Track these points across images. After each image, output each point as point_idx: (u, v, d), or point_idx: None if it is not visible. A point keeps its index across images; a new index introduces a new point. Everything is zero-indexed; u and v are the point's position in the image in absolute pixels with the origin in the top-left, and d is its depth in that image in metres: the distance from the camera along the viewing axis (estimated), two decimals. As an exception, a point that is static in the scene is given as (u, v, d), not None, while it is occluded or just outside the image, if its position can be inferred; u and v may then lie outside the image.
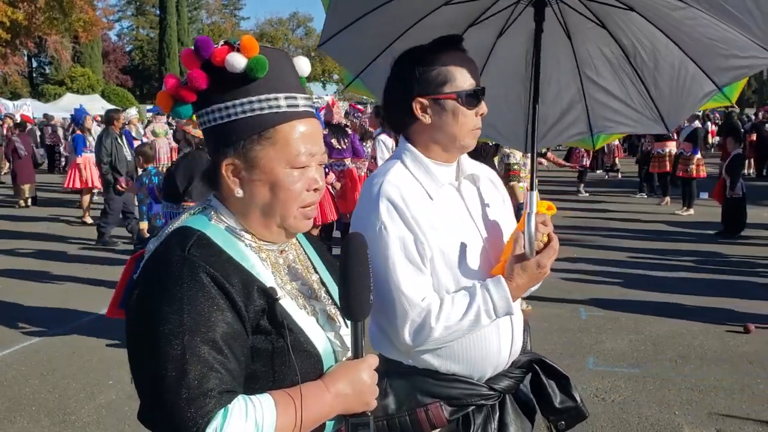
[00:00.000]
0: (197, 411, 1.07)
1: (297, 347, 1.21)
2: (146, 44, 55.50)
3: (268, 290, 1.21)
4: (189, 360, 1.09)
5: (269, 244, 1.30)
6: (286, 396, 1.16)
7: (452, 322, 1.62)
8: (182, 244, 1.20)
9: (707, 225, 9.80)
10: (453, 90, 1.70)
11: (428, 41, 1.77)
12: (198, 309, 1.13)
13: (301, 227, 1.29)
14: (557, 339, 5.26)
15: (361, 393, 1.24)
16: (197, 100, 1.25)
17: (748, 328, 5.41)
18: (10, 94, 33.69)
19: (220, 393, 1.09)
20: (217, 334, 1.12)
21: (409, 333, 1.62)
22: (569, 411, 1.87)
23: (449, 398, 1.70)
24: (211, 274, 1.16)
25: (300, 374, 1.19)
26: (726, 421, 3.89)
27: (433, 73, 1.70)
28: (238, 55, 1.20)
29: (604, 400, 4.18)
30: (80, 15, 29.82)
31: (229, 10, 63.87)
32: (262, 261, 1.27)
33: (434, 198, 1.71)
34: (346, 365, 1.27)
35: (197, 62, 1.23)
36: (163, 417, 1.10)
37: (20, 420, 4.04)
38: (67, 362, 4.90)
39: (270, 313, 1.20)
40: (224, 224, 1.27)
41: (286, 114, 1.23)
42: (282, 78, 1.25)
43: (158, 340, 1.11)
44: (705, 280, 7.06)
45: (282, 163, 1.23)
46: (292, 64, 1.30)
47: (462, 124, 1.72)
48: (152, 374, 1.11)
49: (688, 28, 2.17)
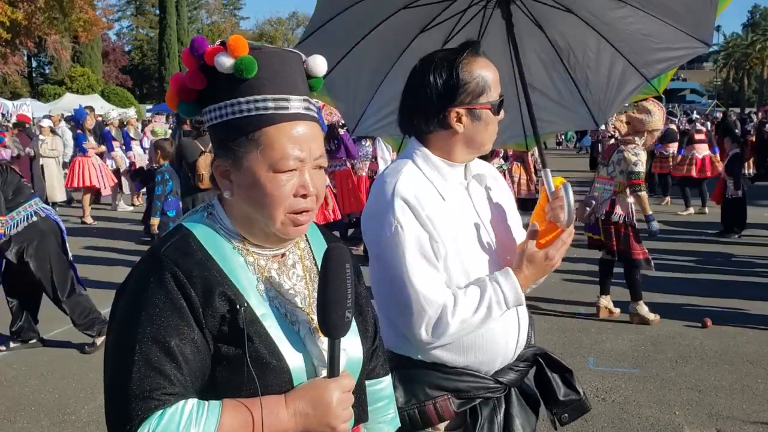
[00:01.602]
0: (133, 411, 1.07)
1: (258, 358, 1.16)
2: (146, 44, 55.48)
3: (230, 296, 1.17)
4: (136, 360, 1.09)
5: (260, 247, 1.27)
6: (239, 405, 1.13)
7: (467, 316, 1.66)
8: (163, 242, 1.22)
9: (707, 225, 9.80)
10: (488, 100, 1.73)
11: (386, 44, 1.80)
12: (155, 310, 1.12)
13: (291, 233, 1.23)
14: (557, 339, 5.26)
15: (323, 415, 1.16)
16: (198, 99, 1.24)
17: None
18: (9, 94, 33.66)
19: (163, 395, 1.08)
20: (171, 337, 1.11)
21: (426, 330, 1.65)
22: (572, 404, 1.91)
23: (457, 391, 1.74)
24: (174, 274, 1.15)
25: (260, 386, 1.14)
26: (726, 421, 3.89)
27: (472, 83, 1.72)
28: (224, 55, 1.18)
29: (604, 400, 4.18)
30: (80, 15, 29.84)
31: (229, 9, 63.87)
32: (247, 265, 1.23)
33: (446, 198, 1.74)
34: (312, 384, 1.19)
35: (195, 62, 1.22)
36: (107, 414, 1.12)
37: (20, 420, 4.05)
38: (67, 362, 4.90)
39: (231, 320, 1.16)
40: (218, 225, 1.26)
41: (274, 116, 1.19)
42: (276, 78, 1.21)
43: (113, 339, 1.16)
44: (705, 280, 7.07)
45: (265, 167, 1.18)
46: (293, 64, 1.25)
47: (491, 132, 1.78)
48: (106, 371, 1.14)
49: (624, 26, 2.28)
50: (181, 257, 1.17)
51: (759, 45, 63.65)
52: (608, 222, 5.54)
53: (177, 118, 9.66)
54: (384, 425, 1.48)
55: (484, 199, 1.85)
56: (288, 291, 1.27)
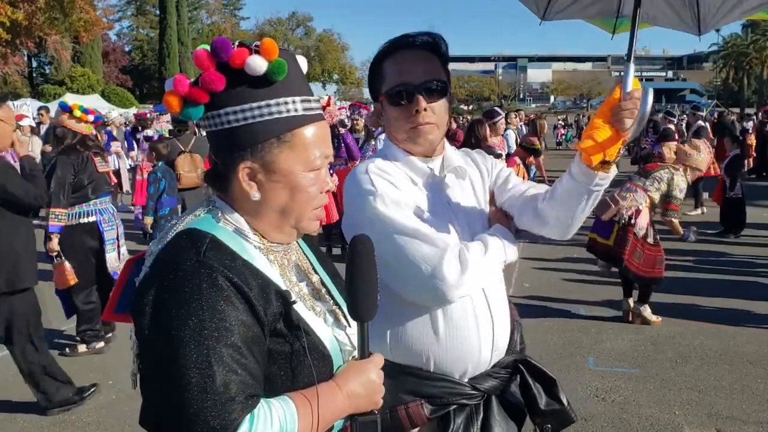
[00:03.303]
0: (225, 417, 1.06)
1: (312, 349, 1.23)
2: (146, 44, 55.50)
3: (284, 293, 1.22)
4: (214, 365, 1.07)
5: (276, 245, 1.30)
6: (303, 398, 1.17)
7: (479, 256, 1.65)
8: (196, 247, 1.17)
9: (708, 225, 9.80)
10: (383, 91, 1.77)
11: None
12: (218, 314, 1.11)
13: (312, 228, 1.32)
14: (557, 339, 5.26)
15: (372, 393, 1.26)
16: (210, 101, 1.23)
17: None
18: (10, 94, 33.66)
19: (245, 398, 1.09)
20: (239, 339, 1.11)
21: (449, 270, 1.58)
22: (555, 414, 1.85)
23: (430, 396, 1.71)
24: (229, 278, 1.14)
25: (315, 375, 1.20)
26: (726, 421, 3.89)
27: (373, 79, 1.82)
28: (258, 57, 1.19)
29: (604, 400, 4.18)
30: (80, 15, 29.84)
31: (229, 10, 63.90)
32: (270, 263, 1.27)
33: (417, 185, 1.77)
34: (356, 365, 1.27)
35: (213, 64, 1.20)
36: (183, 423, 1.06)
37: (20, 420, 4.05)
38: (67, 362, 4.89)
39: (286, 316, 1.21)
40: (232, 226, 1.26)
41: (303, 117, 1.24)
42: (295, 81, 1.25)
43: (180, 346, 1.08)
44: (705, 280, 7.07)
45: (300, 166, 1.24)
46: (300, 66, 1.29)
47: (394, 124, 1.78)
48: (174, 380, 1.08)
49: None
50: (225, 260, 1.17)
51: (759, 45, 63.65)
52: (626, 230, 5.40)
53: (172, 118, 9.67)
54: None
55: (460, 192, 1.83)
56: (305, 284, 1.35)
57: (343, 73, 63.93)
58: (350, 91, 64.44)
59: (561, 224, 1.78)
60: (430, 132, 1.75)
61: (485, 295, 1.74)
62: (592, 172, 1.61)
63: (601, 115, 1.60)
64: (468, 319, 1.71)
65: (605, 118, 1.59)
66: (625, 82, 1.61)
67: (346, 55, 66.43)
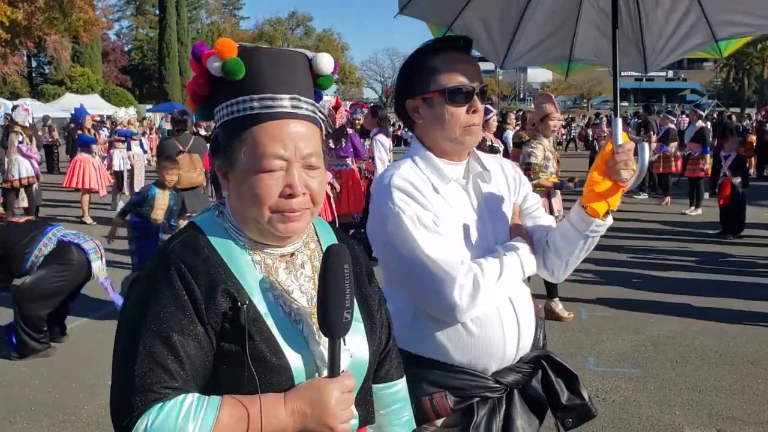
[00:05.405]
0: (133, 403, 1.08)
1: (259, 356, 1.16)
2: (146, 44, 55.52)
3: (233, 293, 1.18)
4: (139, 354, 1.11)
5: (267, 246, 1.27)
6: (238, 402, 1.13)
7: (493, 281, 1.68)
8: (172, 239, 1.24)
9: (708, 225, 9.80)
10: (437, 88, 1.76)
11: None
12: (160, 305, 1.14)
13: (282, 230, 1.22)
14: (557, 339, 5.26)
15: (321, 414, 1.16)
16: (209, 103, 1.28)
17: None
18: (9, 94, 33.67)
19: (163, 389, 1.10)
20: (174, 332, 1.13)
21: (459, 296, 1.64)
22: (576, 409, 1.89)
23: (454, 389, 1.74)
24: (179, 270, 1.16)
25: (260, 384, 1.14)
26: (726, 421, 3.89)
27: (424, 74, 1.79)
28: (214, 58, 1.21)
29: (605, 400, 4.18)
30: (80, 15, 29.85)
31: (229, 9, 63.92)
32: (254, 263, 1.24)
33: (441, 192, 1.77)
34: (311, 383, 1.19)
35: (199, 67, 1.25)
36: (110, 406, 1.14)
37: (20, 420, 4.04)
38: (67, 362, 4.90)
39: (233, 317, 1.17)
40: (228, 223, 1.27)
41: (259, 116, 1.20)
42: (262, 78, 1.21)
43: (120, 332, 1.18)
44: (705, 280, 7.07)
45: (249, 166, 1.20)
46: (287, 63, 1.25)
47: (451, 122, 1.77)
48: (113, 364, 1.16)
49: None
50: (187, 253, 1.19)
51: (759, 45, 63.66)
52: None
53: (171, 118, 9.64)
54: (399, 428, 1.49)
55: (485, 198, 1.85)
56: (294, 290, 1.27)
57: (343, 73, 63.95)
58: (350, 91, 64.49)
59: (556, 266, 1.86)
60: (477, 133, 1.81)
61: (509, 296, 1.78)
62: (590, 218, 1.71)
63: (598, 169, 1.70)
64: (493, 319, 1.74)
65: (602, 172, 1.69)
66: (616, 136, 1.72)
67: (346, 55, 66.51)
